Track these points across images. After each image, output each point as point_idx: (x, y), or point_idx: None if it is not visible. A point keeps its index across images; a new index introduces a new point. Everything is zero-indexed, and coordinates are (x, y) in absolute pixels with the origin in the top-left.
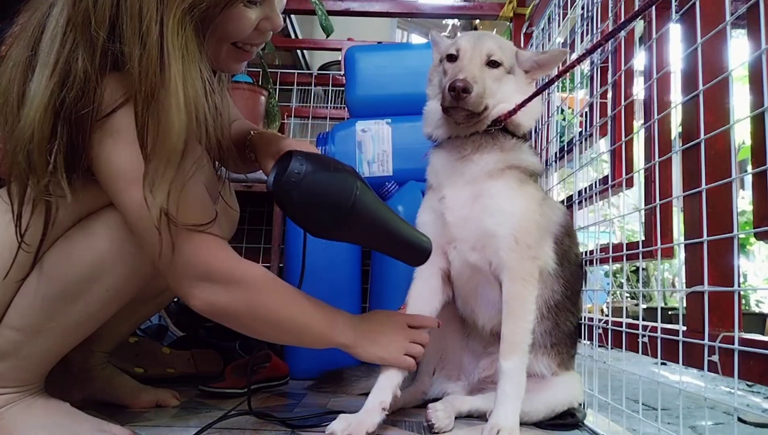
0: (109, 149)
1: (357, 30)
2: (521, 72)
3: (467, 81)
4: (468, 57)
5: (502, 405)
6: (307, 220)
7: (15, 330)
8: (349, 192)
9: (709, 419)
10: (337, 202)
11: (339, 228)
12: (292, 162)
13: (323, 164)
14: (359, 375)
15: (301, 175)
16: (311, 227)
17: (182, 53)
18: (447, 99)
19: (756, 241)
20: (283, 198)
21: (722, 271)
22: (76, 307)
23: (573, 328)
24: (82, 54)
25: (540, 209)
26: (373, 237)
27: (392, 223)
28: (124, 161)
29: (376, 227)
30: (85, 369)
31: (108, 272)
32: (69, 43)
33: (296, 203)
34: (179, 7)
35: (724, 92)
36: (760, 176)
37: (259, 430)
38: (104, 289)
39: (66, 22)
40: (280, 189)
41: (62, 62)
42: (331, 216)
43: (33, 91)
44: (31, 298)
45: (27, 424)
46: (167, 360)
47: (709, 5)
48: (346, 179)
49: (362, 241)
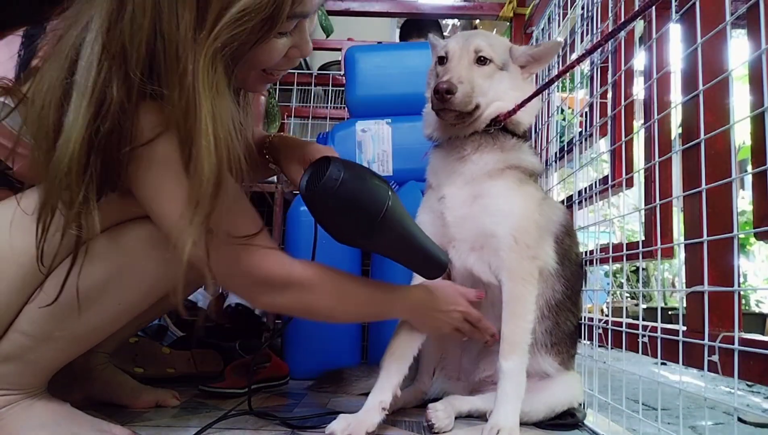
0: (152, 178)
1: (357, 30)
2: (516, 68)
3: (451, 82)
4: (456, 58)
5: (502, 405)
6: (336, 226)
7: (24, 335)
8: (382, 203)
9: (709, 419)
10: (369, 212)
11: (367, 236)
12: (331, 168)
13: (360, 173)
14: (359, 375)
15: (339, 181)
16: (339, 233)
17: (213, 94)
18: (434, 102)
19: (756, 241)
20: (316, 202)
21: (722, 271)
22: (86, 318)
23: (573, 327)
24: (117, 84)
25: (539, 209)
26: (397, 248)
27: (417, 236)
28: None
29: (402, 239)
30: (86, 369)
31: (123, 285)
32: (104, 72)
33: (330, 209)
34: (210, 46)
35: (724, 92)
36: (760, 176)
37: (259, 430)
38: (116, 302)
39: (101, 50)
40: (316, 193)
41: (98, 91)
42: (361, 224)
43: (71, 121)
44: (38, 298)
45: (27, 425)
46: (167, 360)
47: (709, 5)
48: (380, 190)
49: (385, 251)
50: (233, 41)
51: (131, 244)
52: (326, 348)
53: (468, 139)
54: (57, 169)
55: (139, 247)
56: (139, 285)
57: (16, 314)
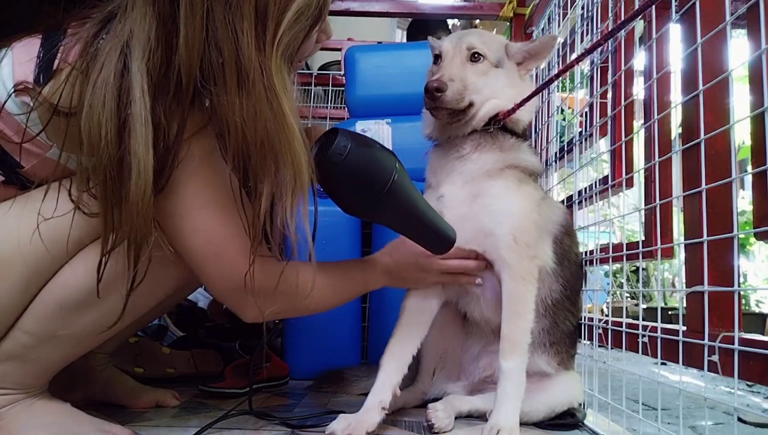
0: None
1: (357, 30)
2: (512, 65)
3: (440, 80)
4: (449, 56)
5: (502, 405)
6: (345, 196)
7: (27, 334)
8: (389, 172)
9: (709, 419)
10: (376, 182)
11: (374, 207)
12: (339, 137)
13: (367, 143)
14: (359, 375)
15: (347, 149)
16: (347, 204)
17: (285, 91)
18: (426, 101)
19: (756, 241)
20: (325, 173)
21: (722, 271)
22: (90, 317)
23: (572, 327)
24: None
25: (539, 209)
26: (404, 221)
27: (424, 210)
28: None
29: (409, 211)
30: (86, 369)
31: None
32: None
33: (337, 179)
34: (278, 50)
35: (724, 92)
36: (760, 176)
37: (259, 430)
38: (121, 303)
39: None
40: (325, 163)
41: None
42: (368, 194)
43: (141, 152)
44: (47, 304)
45: (28, 424)
46: (167, 360)
47: (709, 5)
48: (387, 161)
49: (392, 223)
50: (295, 41)
51: None
52: (326, 348)
53: (467, 138)
54: (136, 199)
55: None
56: (142, 287)
57: (21, 313)
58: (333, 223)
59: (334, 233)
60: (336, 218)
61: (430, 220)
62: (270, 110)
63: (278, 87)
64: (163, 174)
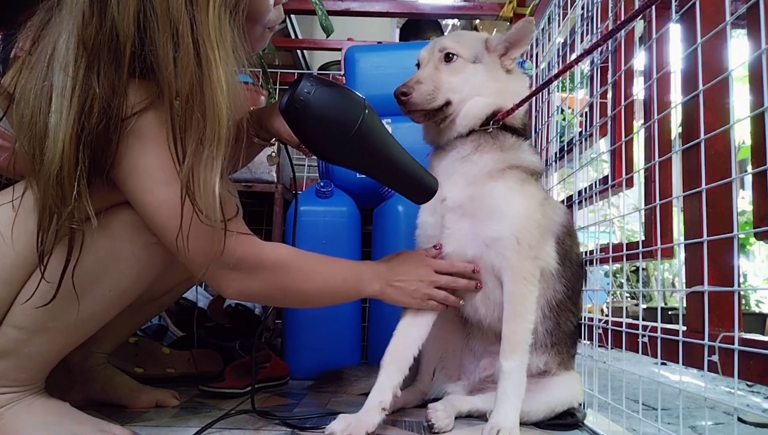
0: (136, 153)
1: (357, 30)
2: (494, 58)
3: (406, 84)
4: (425, 62)
5: (502, 405)
6: (314, 140)
7: (17, 328)
8: (357, 112)
9: (709, 419)
10: (345, 121)
11: (346, 148)
12: (302, 81)
13: (332, 85)
14: (359, 375)
15: (311, 93)
16: (319, 147)
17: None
18: (400, 107)
19: (756, 241)
20: (291, 117)
21: (722, 271)
22: (78, 307)
23: (573, 327)
24: (99, 78)
25: (541, 209)
26: (379, 163)
27: (398, 151)
28: (153, 163)
29: (383, 151)
30: (85, 369)
31: (112, 272)
32: (82, 70)
33: (305, 120)
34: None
35: (724, 92)
36: (760, 176)
37: (259, 430)
38: (107, 289)
39: (76, 49)
40: (291, 107)
41: (79, 89)
42: (339, 135)
43: (54, 122)
44: (34, 296)
45: (27, 424)
46: (167, 360)
47: (709, 5)
48: (354, 100)
49: (368, 166)
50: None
51: (116, 230)
52: (326, 348)
53: (467, 139)
54: (48, 170)
55: (125, 232)
56: (128, 271)
57: (8, 308)
58: (333, 223)
59: (334, 233)
60: (336, 218)
61: (405, 165)
62: (197, 63)
63: (210, 39)
64: (109, 146)
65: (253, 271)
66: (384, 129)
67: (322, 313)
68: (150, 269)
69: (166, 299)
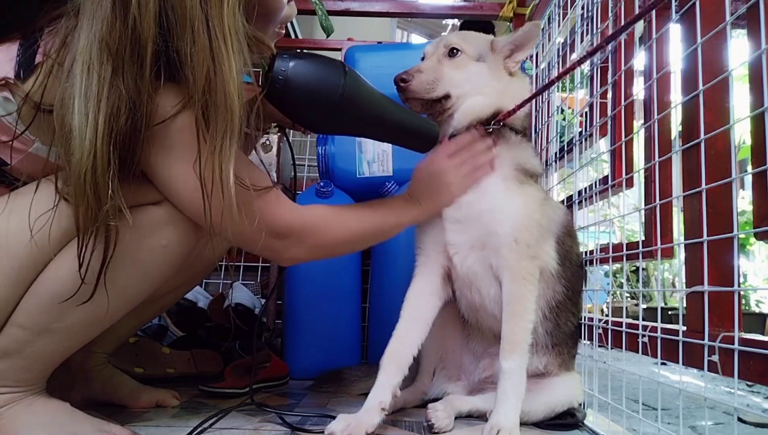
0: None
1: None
2: (498, 59)
3: (406, 72)
4: (429, 55)
5: (502, 405)
6: (304, 113)
7: (21, 328)
8: (337, 76)
9: (709, 419)
10: (328, 88)
11: (336, 115)
12: (276, 60)
13: (306, 56)
14: (359, 375)
15: (287, 69)
16: (310, 120)
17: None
18: (399, 94)
19: (756, 241)
20: (275, 96)
21: (722, 271)
22: (84, 309)
23: (574, 328)
24: (125, 79)
25: (541, 209)
26: (372, 122)
27: (388, 105)
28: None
29: (372, 110)
30: (85, 369)
31: (119, 275)
32: (109, 72)
33: (289, 98)
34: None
35: (724, 92)
36: (760, 176)
37: (258, 430)
38: (113, 293)
39: (99, 51)
40: (271, 88)
41: (107, 91)
42: (326, 103)
43: (80, 124)
44: (40, 297)
45: (27, 424)
46: (167, 360)
47: (709, 5)
48: (332, 64)
49: (362, 128)
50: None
51: (126, 234)
52: (326, 348)
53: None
54: (79, 171)
55: (135, 237)
56: (134, 274)
57: (14, 308)
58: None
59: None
60: None
61: (400, 118)
62: (211, 56)
63: (224, 31)
64: (136, 146)
65: (299, 237)
66: (369, 86)
67: (322, 313)
68: (157, 273)
69: (168, 300)
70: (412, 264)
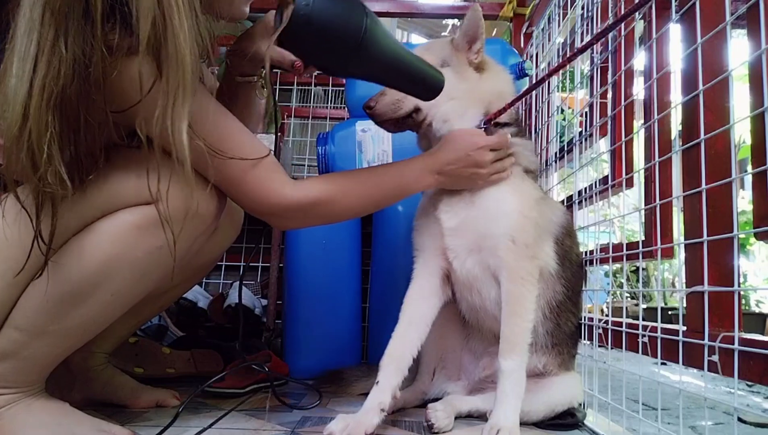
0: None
1: None
2: (462, 58)
3: (372, 98)
4: None
5: (502, 405)
6: (322, 53)
7: (18, 330)
8: (360, 17)
9: (709, 419)
10: (350, 28)
11: (354, 57)
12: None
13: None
14: (359, 375)
15: (310, 5)
16: (327, 61)
17: None
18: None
19: (756, 241)
20: (295, 32)
21: (722, 271)
22: (80, 310)
23: (574, 328)
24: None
25: (538, 208)
26: (387, 71)
27: (402, 50)
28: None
29: (389, 53)
30: (85, 369)
31: (114, 277)
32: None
33: (310, 36)
34: None
35: (724, 92)
36: (760, 176)
37: (258, 430)
38: (109, 293)
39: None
40: (293, 23)
41: (46, 53)
42: (346, 45)
43: (14, 86)
44: (36, 299)
45: (27, 424)
46: (167, 360)
47: (709, 5)
48: (355, 11)
49: (375, 72)
50: None
51: (119, 234)
52: (326, 348)
53: None
54: (9, 136)
55: (128, 237)
56: (130, 275)
57: (10, 310)
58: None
59: (333, 233)
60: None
61: (413, 65)
62: (158, 7)
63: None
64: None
65: (306, 210)
66: (386, 30)
67: (323, 313)
68: (152, 274)
69: (167, 299)
70: (412, 264)
